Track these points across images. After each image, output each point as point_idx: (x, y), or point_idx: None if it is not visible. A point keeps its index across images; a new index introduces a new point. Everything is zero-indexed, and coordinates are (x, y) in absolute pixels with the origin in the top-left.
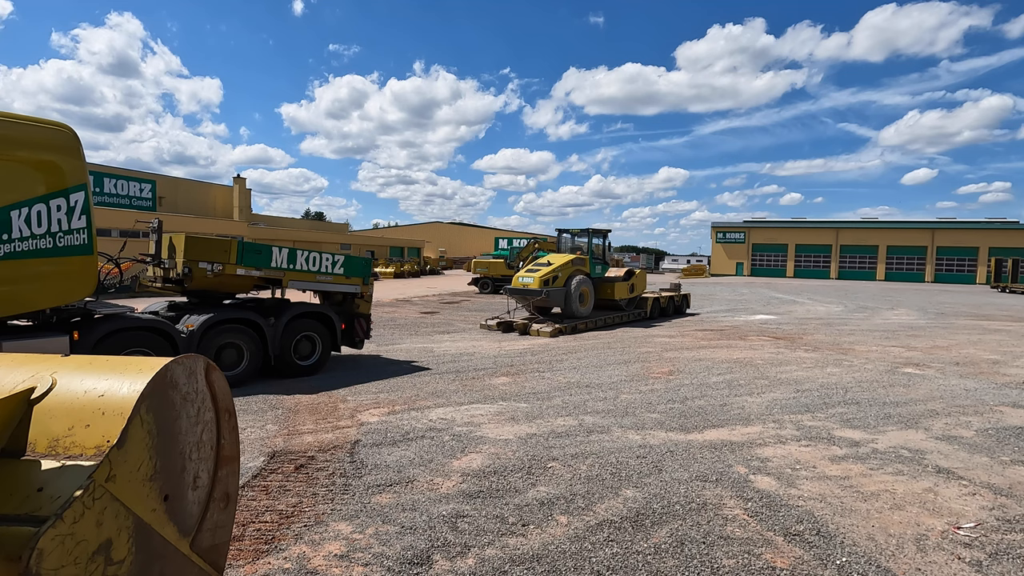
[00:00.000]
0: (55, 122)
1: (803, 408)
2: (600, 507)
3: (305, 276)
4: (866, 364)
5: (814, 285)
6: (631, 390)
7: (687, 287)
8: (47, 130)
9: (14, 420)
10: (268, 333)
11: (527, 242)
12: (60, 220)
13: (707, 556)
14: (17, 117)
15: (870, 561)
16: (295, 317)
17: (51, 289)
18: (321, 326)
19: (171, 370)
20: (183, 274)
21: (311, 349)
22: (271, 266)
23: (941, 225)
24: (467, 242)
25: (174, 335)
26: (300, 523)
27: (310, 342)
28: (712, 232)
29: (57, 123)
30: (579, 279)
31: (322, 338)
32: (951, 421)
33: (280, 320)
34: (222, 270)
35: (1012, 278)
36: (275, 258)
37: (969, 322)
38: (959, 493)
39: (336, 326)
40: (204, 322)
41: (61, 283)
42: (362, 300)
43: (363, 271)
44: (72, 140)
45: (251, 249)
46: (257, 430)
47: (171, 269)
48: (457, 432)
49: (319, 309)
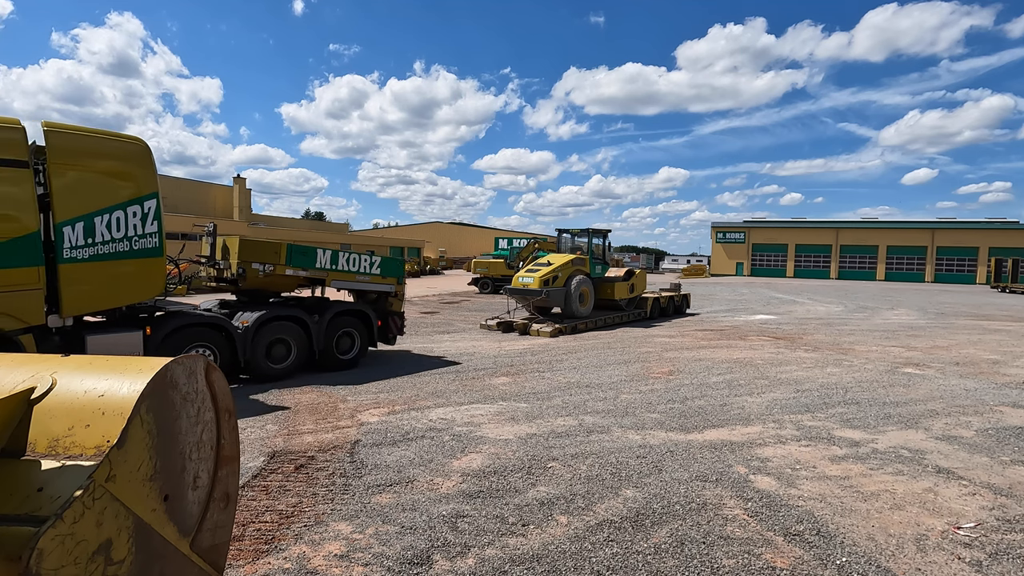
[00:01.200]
0: (131, 136)
1: (803, 408)
2: (600, 507)
3: (346, 276)
4: (866, 364)
5: (814, 285)
6: (631, 390)
7: (687, 287)
8: (124, 143)
9: (14, 420)
10: (313, 329)
11: (527, 242)
12: (136, 225)
13: (707, 556)
14: (98, 132)
15: (870, 561)
16: (337, 315)
17: (127, 288)
18: (360, 323)
19: (171, 370)
20: (237, 274)
21: (351, 344)
22: (316, 267)
23: (941, 225)
24: (467, 242)
25: (231, 331)
26: (300, 523)
27: (350, 338)
28: (712, 232)
29: (132, 137)
30: (579, 279)
31: (360, 334)
32: (951, 421)
33: (323, 317)
34: (273, 270)
35: (1012, 278)
36: (319, 259)
37: (969, 322)
38: (959, 493)
39: (373, 323)
40: (257, 319)
41: (136, 283)
42: (395, 298)
43: (397, 271)
44: (145, 152)
45: (298, 251)
46: (257, 430)
47: (225, 269)
48: (457, 432)
49: (358, 307)
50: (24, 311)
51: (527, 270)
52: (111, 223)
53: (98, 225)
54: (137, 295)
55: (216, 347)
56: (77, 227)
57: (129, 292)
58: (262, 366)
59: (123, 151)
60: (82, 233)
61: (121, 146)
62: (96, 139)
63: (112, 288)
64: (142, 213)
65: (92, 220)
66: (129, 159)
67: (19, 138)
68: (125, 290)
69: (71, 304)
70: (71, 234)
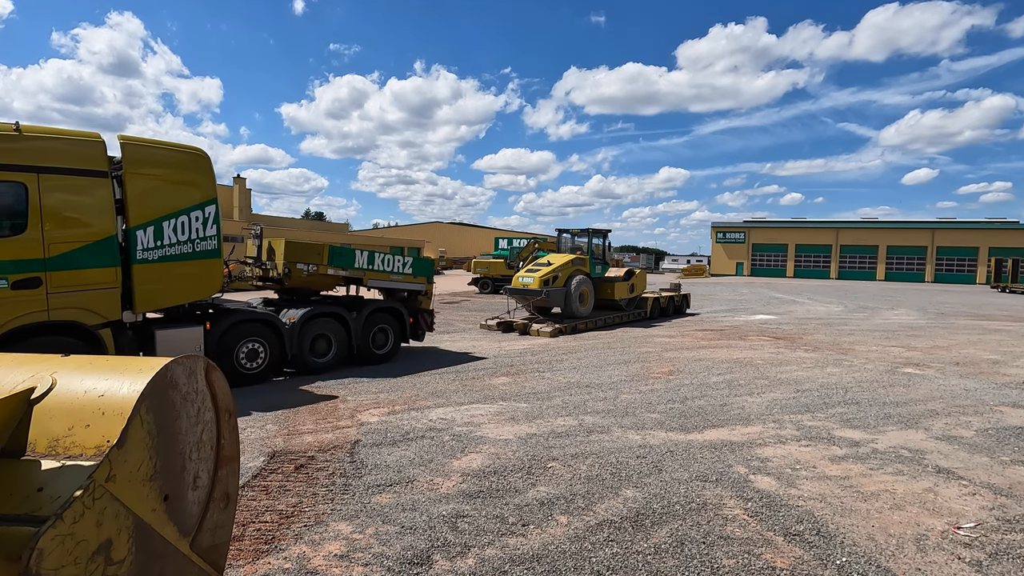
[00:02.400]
0: (193, 147)
1: (803, 408)
2: (600, 507)
3: (381, 275)
4: (866, 364)
5: (814, 285)
6: (631, 390)
7: (687, 287)
8: (188, 154)
9: (14, 420)
10: (352, 325)
11: (527, 242)
12: (197, 229)
13: (707, 556)
14: (165, 144)
15: (870, 561)
16: (372, 312)
17: (191, 287)
18: (393, 320)
19: (171, 370)
20: (283, 274)
21: (385, 340)
22: (354, 266)
23: (941, 225)
24: (467, 242)
25: (280, 327)
26: (300, 523)
27: (384, 334)
28: (712, 232)
29: (194, 147)
30: (579, 279)
31: (394, 330)
32: (951, 421)
33: (361, 314)
34: (316, 270)
35: (1012, 278)
36: (357, 259)
37: (969, 322)
38: (959, 493)
39: (405, 320)
40: (303, 315)
41: (198, 282)
42: (424, 296)
43: (428, 270)
44: (206, 161)
45: (339, 252)
46: (257, 430)
47: (271, 269)
48: (457, 432)
49: (392, 305)
50: (103, 307)
51: (527, 270)
52: (177, 227)
53: (166, 229)
54: (199, 293)
55: (266, 342)
56: (148, 231)
57: (192, 290)
58: (307, 360)
59: (187, 161)
60: (152, 236)
61: (185, 156)
62: (164, 150)
63: (178, 287)
64: (203, 217)
65: (161, 224)
66: (192, 168)
67: (99, 151)
68: (189, 288)
69: (143, 301)
70: (143, 237)
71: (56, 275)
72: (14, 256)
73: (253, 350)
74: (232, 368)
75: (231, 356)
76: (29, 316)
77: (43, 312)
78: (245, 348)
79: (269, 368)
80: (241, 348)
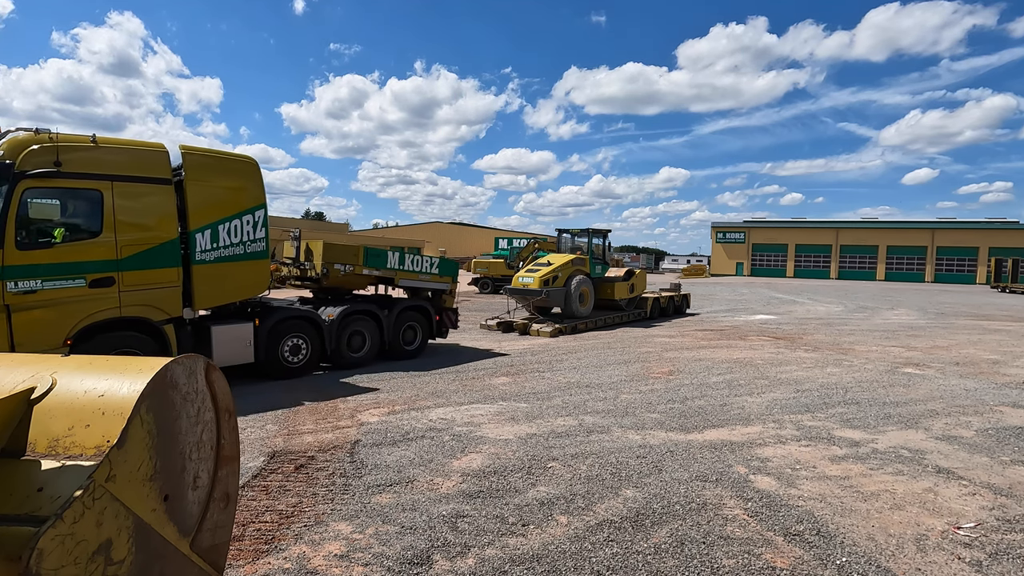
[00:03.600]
0: (244, 155)
1: (803, 408)
2: (600, 507)
3: (411, 275)
4: (866, 364)
5: (814, 285)
6: (631, 390)
7: (687, 287)
8: (241, 161)
9: (14, 420)
10: (384, 323)
11: (527, 242)
12: (248, 232)
13: (707, 556)
14: (220, 152)
15: (870, 561)
16: (403, 310)
17: (243, 285)
18: (422, 317)
19: (171, 370)
20: (321, 274)
21: (413, 336)
22: (387, 267)
23: (941, 225)
24: (467, 242)
25: (320, 323)
26: (300, 523)
27: (412, 331)
28: (712, 232)
29: (245, 156)
30: (579, 279)
31: (422, 327)
32: (951, 421)
33: (392, 312)
34: (352, 270)
35: (1012, 278)
36: (390, 260)
37: (969, 322)
38: (959, 493)
39: (432, 317)
40: (341, 312)
41: (249, 281)
42: (448, 295)
43: (453, 271)
44: (256, 169)
45: (373, 253)
46: (257, 430)
47: (309, 269)
48: (457, 432)
49: (420, 303)
50: (167, 304)
51: (527, 270)
52: (231, 230)
53: (221, 232)
54: (250, 291)
55: (308, 337)
56: (205, 234)
57: (244, 289)
58: (344, 355)
59: (240, 168)
60: (209, 239)
61: (239, 164)
62: (220, 158)
63: (231, 285)
64: (254, 221)
65: (216, 228)
66: (244, 175)
67: (164, 160)
68: (241, 287)
69: (201, 299)
70: (201, 240)
71: (127, 275)
72: (91, 257)
73: (296, 345)
74: (277, 362)
75: (276, 351)
76: (104, 312)
77: (116, 309)
78: (289, 343)
79: (310, 363)
80: (285, 343)
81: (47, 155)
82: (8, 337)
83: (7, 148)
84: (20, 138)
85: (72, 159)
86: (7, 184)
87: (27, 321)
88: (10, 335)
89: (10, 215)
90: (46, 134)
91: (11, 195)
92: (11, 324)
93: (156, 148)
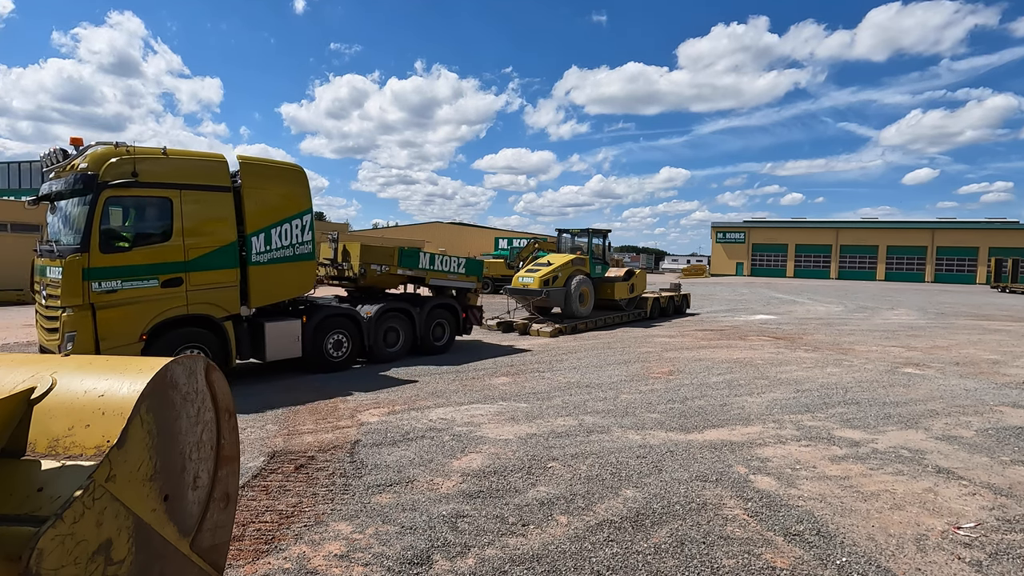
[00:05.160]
0: (292, 164)
1: (803, 408)
2: (600, 507)
3: (440, 275)
4: (866, 364)
5: (814, 285)
6: (631, 390)
7: (687, 287)
8: (291, 169)
9: (14, 420)
10: (417, 319)
11: (527, 242)
12: (297, 235)
13: (707, 556)
14: (273, 161)
15: (870, 561)
16: (433, 308)
17: (292, 285)
18: (450, 315)
19: (171, 370)
20: (359, 274)
21: (442, 333)
22: (419, 267)
23: (941, 225)
24: (467, 242)
25: (360, 320)
26: (300, 523)
27: (441, 327)
28: (712, 232)
29: (294, 164)
30: (579, 279)
31: (450, 324)
32: (951, 421)
33: (423, 310)
34: (387, 270)
35: (1012, 278)
36: (421, 260)
37: (969, 322)
38: (959, 493)
39: (459, 315)
40: (378, 310)
41: (297, 280)
42: (472, 294)
43: (478, 270)
44: (303, 176)
45: (407, 254)
46: (257, 430)
47: (347, 269)
48: (457, 432)
49: (449, 301)
50: (227, 302)
51: (527, 270)
52: (282, 233)
53: (273, 235)
54: (298, 290)
55: (349, 333)
56: (260, 237)
57: (293, 288)
58: (380, 350)
59: (290, 175)
60: (263, 241)
61: (289, 171)
62: (272, 166)
63: (282, 285)
64: (302, 225)
65: (270, 231)
66: (294, 182)
67: (224, 169)
68: (290, 286)
69: (256, 298)
70: (256, 243)
71: (193, 275)
72: (163, 259)
73: (339, 340)
74: (321, 356)
75: (321, 346)
76: (174, 310)
77: (184, 307)
78: (332, 339)
79: (350, 357)
80: (329, 339)
81: (125, 166)
82: (93, 333)
83: (90, 161)
84: (100, 151)
85: (146, 170)
86: (92, 194)
87: (109, 318)
88: (95, 331)
89: (95, 222)
90: (124, 147)
91: (95, 204)
92: (96, 321)
93: (217, 158)
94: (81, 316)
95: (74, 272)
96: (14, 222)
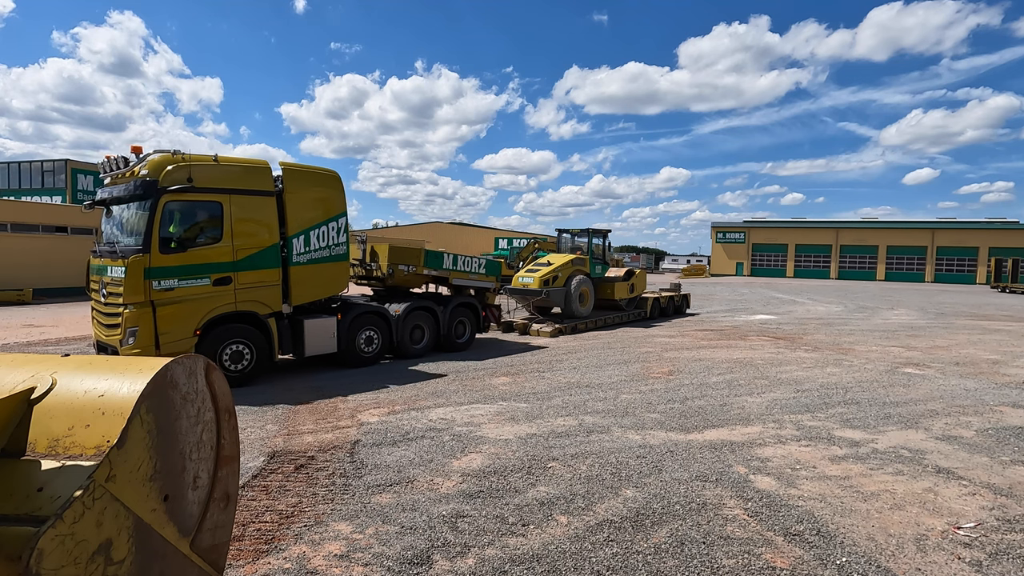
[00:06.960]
0: (328, 169)
1: (803, 408)
2: (600, 507)
3: (463, 275)
4: (866, 364)
5: (814, 285)
6: (631, 390)
7: (687, 287)
8: (327, 175)
9: (14, 420)
10: (441, 317)
11: (527, 242)
12: (333, 236)
13: (707, 556)
14: (311, 167)
15: (870, 561)
16: (456, 306)
17: (328, 284)
18: (471, 313)
19: (171, 370)
20: (387, 274)
21: (463, 331)
22: (443, 267)
23: (941, 225)
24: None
25: (389, 317)
26: (300, 523)
27: (463, 325)
28: (712, 232)
29: (329, 170)
30: (579, 279)
31: (471, 322)
32: (951, 421)
33: (447, 308)
34: (414, 270)
35: (1012, 278)
36: (445, 261)
37: (969, 322)
38: (959, 493)
39: (479, 313)
40: (406, 308)
41: (333, 280)
42: (492, 293)
43: (497, 271)
44: (338, 180)
45: (432, 255)
46: (257, 430)
47: (375, 270)
48: (457, 432)
49: (470, 300)
50: (271, 300)
51: (527, 270)
52: (319, 235)
53: (312, 237)
54: (333, 289)
55: (379, 330)
56: (300, 239)
57: (329, 287)
58: (407, 346)
59: (327, 180)
60: (303, 243)
61: (326, 176)
62: (312, 172)
63: (319, 284)
64: (337, 227)
65: (309, 233)
66: (330, 186)
67: (268, 175)
68: (327, 285)
69: (296, 296)
70: (296, 244)
71: (241, 275)
72: (214, 260)
73: (370, 337)
74: (354, 352)
75: (354, 342)
76: (224, 307)
77: (232, 304)
78: (364, 335)
79: (379, 353)
80: (361, 335)
81: (182, 172)
82: (153, 328)
83: (150, 167)
84: (159, 159)
85: (200, 175)
86: (152, 198)
87: (167, 315)
88: (155, 327)
89: (155, 224)
90: (180, 154)
91: (156, 208)
92: (155, 317)
93: (262, 164)
94: (142, 312)
95: (137, 271)
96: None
